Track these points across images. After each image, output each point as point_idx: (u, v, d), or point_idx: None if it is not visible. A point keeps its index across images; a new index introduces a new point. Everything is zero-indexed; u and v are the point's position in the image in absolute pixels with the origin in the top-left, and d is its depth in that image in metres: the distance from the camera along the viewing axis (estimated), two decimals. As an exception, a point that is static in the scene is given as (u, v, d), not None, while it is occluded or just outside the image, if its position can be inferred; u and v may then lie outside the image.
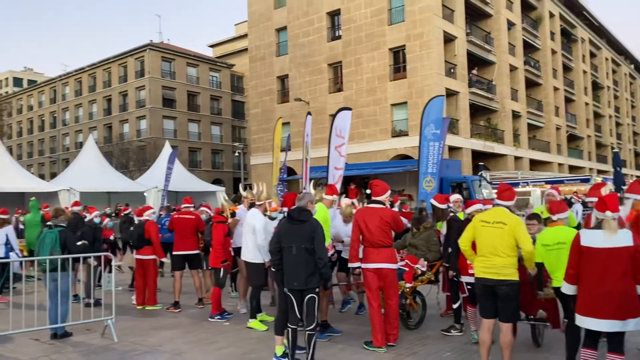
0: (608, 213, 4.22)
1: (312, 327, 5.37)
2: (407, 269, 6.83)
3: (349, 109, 10.41)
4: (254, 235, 6.98)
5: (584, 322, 4.29)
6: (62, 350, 6.41)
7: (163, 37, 69.02)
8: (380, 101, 29.73)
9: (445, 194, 7.46)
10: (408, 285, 6.74)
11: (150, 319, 8.00)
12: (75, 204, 10.78)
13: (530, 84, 40.05)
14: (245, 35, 44.91)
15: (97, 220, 9.77)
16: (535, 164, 38.54)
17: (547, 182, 23.45)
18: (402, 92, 28.89)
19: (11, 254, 9.61)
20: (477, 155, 30.96)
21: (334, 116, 10.40)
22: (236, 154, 48.63)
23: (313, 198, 6.15)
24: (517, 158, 35.69)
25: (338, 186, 9.76)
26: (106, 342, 6.69)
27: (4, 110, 47.72)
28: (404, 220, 8.83)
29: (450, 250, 6.46)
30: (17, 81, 79.95)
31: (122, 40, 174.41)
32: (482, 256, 5.04)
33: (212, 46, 60.23)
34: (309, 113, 11.16)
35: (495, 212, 5.14)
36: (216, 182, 43.74)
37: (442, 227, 7.11)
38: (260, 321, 7.26)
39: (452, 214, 6.91)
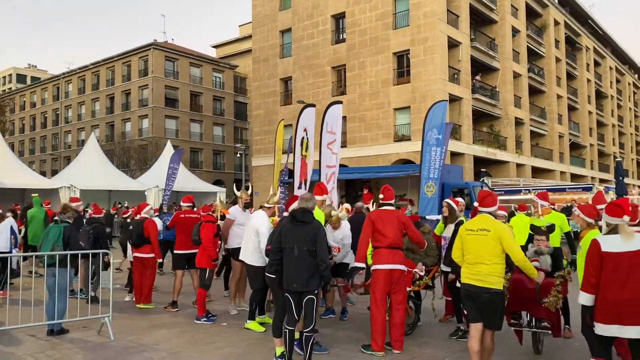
0: (625, 217, 4.14)
1: (309, 328, 5.33)
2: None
3: (340, 102, 9.91)
4: (256, 237, 6.77)
5: (608, 330, 4.07)
6: (58, 346, 6.38)
7: (167, 37, 68.85)
8: (383, 105, 29.72)
9: (455, 199, 7.40)
10: (407, 289, 6.69)
11: (148, 318, 7.96)
12: (74, 199, 10.41)
13: (534, 92, 40.01)
14: (249, 37, 44.98)
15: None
16: (537, 172, 38.48)
17: (548, 190, 23.41)
18: (405, 97, 28.86)
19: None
20: (479, 162, 30.91)
21: (324, 112, 9.86)
22: (238, 155, 48.63)
23: (318, 202, 6.08)
24: (519, 165, 35.63)
25: (334, 187, 9.50)
26: (102, 339, 6.65)
27: (6, 107, 47.78)
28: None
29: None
30: (21, 78, 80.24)
31: (126, 39, 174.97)
32: (469, 264, 4.97)
33: (215, 47, 60.33)
34: (306, 106, 10.51)
35: (480, 219, 5.05)
36: (217, 183, 43.76)
37: (444, 231, 7.10)
38: (260, 323, 7.20)
39: (458, 219, 6.88)
